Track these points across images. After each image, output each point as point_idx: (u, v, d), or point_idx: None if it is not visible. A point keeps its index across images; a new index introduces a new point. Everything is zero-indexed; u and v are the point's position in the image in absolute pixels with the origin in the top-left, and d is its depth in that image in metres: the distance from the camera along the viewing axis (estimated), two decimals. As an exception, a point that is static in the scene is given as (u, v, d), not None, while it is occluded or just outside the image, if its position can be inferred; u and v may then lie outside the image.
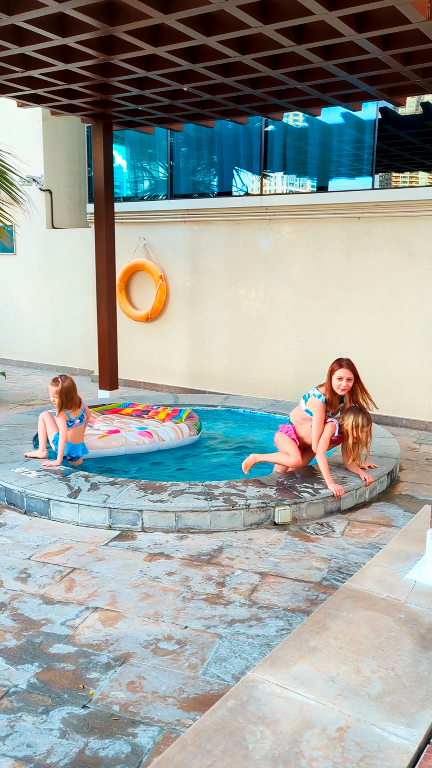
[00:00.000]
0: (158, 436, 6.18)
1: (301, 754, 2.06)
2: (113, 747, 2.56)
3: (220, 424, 7.37)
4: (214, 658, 3.14)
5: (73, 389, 5.52)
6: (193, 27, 4.77)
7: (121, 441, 6.05)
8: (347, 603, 3.06)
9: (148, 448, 6.14)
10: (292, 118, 8.38)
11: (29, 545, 4.39)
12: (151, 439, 6.14)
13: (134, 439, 6.08)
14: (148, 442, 6.12)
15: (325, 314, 8.26)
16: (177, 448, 6.33)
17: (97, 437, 6.05)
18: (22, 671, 3.03)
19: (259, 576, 3.98)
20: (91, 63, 5.63)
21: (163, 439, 6.19)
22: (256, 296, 8.76)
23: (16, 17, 4.63)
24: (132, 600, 3.68)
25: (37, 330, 11.38)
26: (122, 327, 9.76)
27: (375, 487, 5.36)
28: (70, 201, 11.33)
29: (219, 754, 2.05)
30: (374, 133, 7.73)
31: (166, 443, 6.22)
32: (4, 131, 10.66)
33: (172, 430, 6.31)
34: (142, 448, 6.11)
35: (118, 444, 6.04)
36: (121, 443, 6.05)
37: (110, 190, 8.17)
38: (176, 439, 6.27)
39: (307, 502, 4.84)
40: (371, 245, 7.82)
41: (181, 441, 6.31)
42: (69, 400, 5.47)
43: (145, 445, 6.11)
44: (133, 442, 6.07)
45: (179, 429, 6.35)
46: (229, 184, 9.02)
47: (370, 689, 2.41)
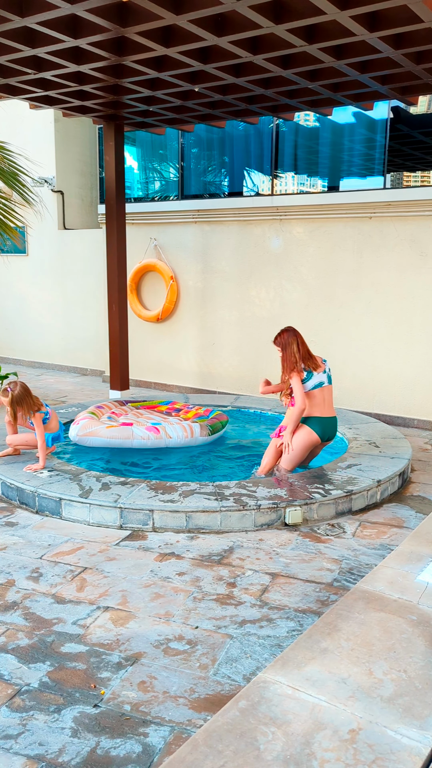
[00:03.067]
0: (165, 433, 6.10)
1: (313, 755, 2.06)
2: (124, 746, 2.57)
3: (231, 424, 7.36)
4: (224, 659, 3.14)
5: (24, 395, 5.36)
6: (205, 27, 4.77)
7: (126, 434, 6.02)
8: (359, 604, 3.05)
9: (153, 443, 6.07)
10: (303, 117, 8.36)
11: (41, 544, 4.41)
12: (157, 434, 6.07)
13: (140, 434, 6.04)
14: (154, 438, 6.05)
15: (335, 314, 8.24)
16: (189, 447, 6.30)
17: (105, 427, 6.05)
18: (34, 670, 3.05)
19: (269, 577, 3.97)
20: (102, 64, 5.65)
21: (170, 437, 6.12)
22: (267, 296, 8.75)
23: (29, 19, 4.66)
24: (143, 600, 3.68)
25: (49, 330, 11.42)
26: (133, 327, 9.78)
27: (387, 488, 5.34)
28: (81, 202, 11.37)
29: (230, 755, 2.05)
30: (386, 133, 7.70)
31: (173, 441, 6.14)
32: (16, 133, 10.72)
33: (182, 428, 6.22)
34: (147, 443, 6.05)
35: (124, 436, 6.01)
36: (127, 436, 6.02)
37: (121, 191, 8.19)
38: (184, 438, 6.18)
39: (318, 503, 4.83)
40: (382, 245, 7.79)
41: (190, 440, 6.23)
42: (27, 405, 5.36)
43: (150, 440, 6.05)
44: (139, 437, 6.03)
45: (189, 428, 6.24)
46: (239, 184, 9.02)
47: (382, 691, 2.40)
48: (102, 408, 6.74)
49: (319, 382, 5.40)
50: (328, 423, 5.46)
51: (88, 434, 6.03)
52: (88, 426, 6.07)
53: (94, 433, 6.02)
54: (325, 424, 5.44)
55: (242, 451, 6.43)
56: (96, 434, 6.01)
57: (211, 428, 6.39)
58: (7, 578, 3.92)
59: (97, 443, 6.04)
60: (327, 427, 5.46)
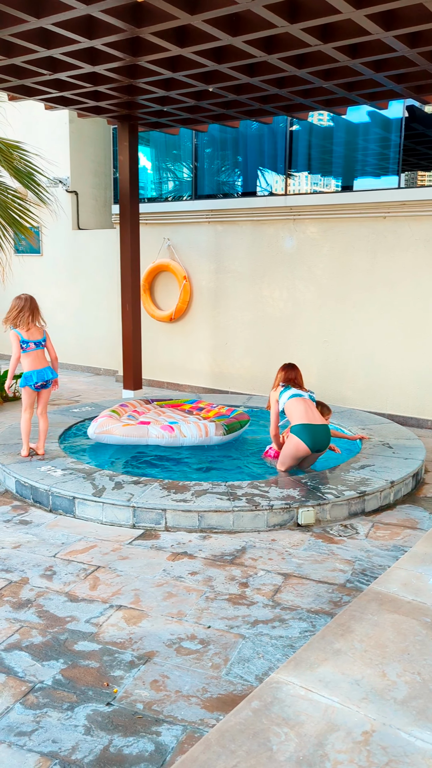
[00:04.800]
0: (180, 432, 6.12)
1: (326, 756, 2.05)
2: (137, 745, 2.57)
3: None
4: (237, 659, 3.14)
5: (24, 307, 5.54)
6: (219, 27, 4.77)
7: (141, 432, 6.06)
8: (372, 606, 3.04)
9: (167, 442, 6.10)
10: (317, 117, 8.34)
11: (54, 543, 4.43)
12: (171, 433, 6.09)
13: (155, 432, 6.07)
14: (168, 437, 6.07)
15: (349, 315, 8.21)
16: (203, 447, 6.29)
17: (120, 425, 6.11)
18: (48, 668, 3.06)
19: (282, 577, 3.97)
20: (117, 65, 5.67)
21: (185, 435, 6.13)
22: (280, 296, 8.74)
23: (44, 20, 4.68)
24: (155, 599, 3.69)
25: (62, 330, 11.47)
26: (146, 327, 9.80)
27: (400, 489, 5.32)
28: (95, 202, 11.42)
29: (243, 755, 2.05)
30: (400, 132, 7.66)
31: (188, 440, 6.15)
32: (32, 133, 10.78)
33: (197, 427, 6.21)
34: (161, 441, 6.08)
35: (138, 435, 6.05)
36: (142, 434, 6.06)
37: (135, 191, 8.21)
38: (198, 437, 6.17)
39: (330, 504, 4.81)
40: (397, 245, 7.75)
41: (205, 439, 6.22)
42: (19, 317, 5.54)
43: (165, 439, 6.07)
44: (154, 435, 6.06)
45: (204, 427, 6.23)
46: (253, 184, 9.01)
47: (395, 693, 2.38)
48: (126, 406, 6.81)
49: (296, 393, 5.56)
50: (313, 431, 5.38)
51: (104, 432, 6.09)
52: (104, 424, 6.13)
53: (109, 431, 6.08)
54: (312, 430, 5.37)
55: (255, 451, 6.42)
56: (111, 432, 6.07)
57: (227, 427, 6.36)
58: (21, 576, 3.95)
59: (112, 441, 6.10)
60: (314, 434, 5.38)
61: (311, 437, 5.39)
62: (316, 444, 5.43)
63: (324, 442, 5.48)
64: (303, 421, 5.41)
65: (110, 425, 6.12)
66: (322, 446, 5.48)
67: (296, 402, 5.50)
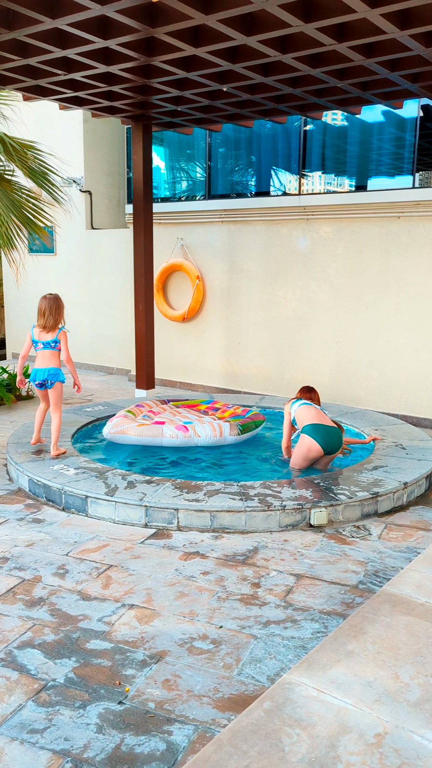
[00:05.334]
0: (194, 432, 6.13)
1: (338, 758, 2.04)
2: (149, 744, 2.58)
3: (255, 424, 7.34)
4: (249, 659, 3.14)
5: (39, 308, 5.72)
6: (234, 27, 4.77)
7: (156, 432, 6.08)
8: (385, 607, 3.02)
9: (182, 442, 6.10)
10: (331, 117, 8.31)
11: (67, 541, 4.45)
12: (186, 433, 6.09)
13: (170, 432, 6.08)
14: (183, 437, 6.08)
15: (362, 315, 8.18)
16: (216, 447, 6.29)
17: (135, 425, 6.13)
18: (60, 666, 3.08)
19: (294, 578, 3.96)
20: (132, 65, 5.68)
21: (199, 435, 6.13)
22: (293, 296, 8.72)
23: (60, 20, 4.70)
24: (167, 598, 3.70)
25: (76, 329, 11.51)
26: (159, 327, 9.82)
27: (413, 491, 5.29)
28: (109, 202, 11.45)
29: (255, 756, 2.04)
30: (415, 131, 7.62)
31: (202, 440, 6.15)
32: (46, 133, 10.83)
33: (211, 427, 6.21)
34: (175, 441, 6.09)
35: (153, 435, 6.07)
36: (156, 434, 6.07)
37: (149, 191, 8.22)
38: (213, 437, 6.18)
39: (343, 505, 4.79)
40: (411, 245, 7.71)
41: (219, 439, 6.22)
42: (40, 315, 5.74)
43: (179, 439, 6.08)
44: (168, 435, 6.07)
45: (219, 427, 6.22)
46: (267, 183, 9.00)
47: (408, 695, 2.37)
48: (141, 407, 6.84)
49: (306, 402, 5.71)
50: (325, 430, 5.47)
51: (118, 432, 6.12)
52: (119, 425, 6.16)
53: (124, 431, 6.11)
54: (321, 430, 5.45)
55: (267, 451, 6.41)
56: (126, 432, 6.10)
57: (242, 428, 6.35)
58: (33, 574, 3.97)
59: (127, 441, 6.13)
60: (326, 434, 5.46)
61: (322, 437, 5.43)
62: (328, 444, 5.45)
63: (335, 444, 5.50)
64: (314, 421, 5.49)
65: (125, 425, 6.14)
66: (333, 448, 5.51)
67: (306, 408, 5.63)
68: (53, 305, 5.75)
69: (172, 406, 7.19)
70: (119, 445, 6.26)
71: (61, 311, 5.81)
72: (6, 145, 7.67)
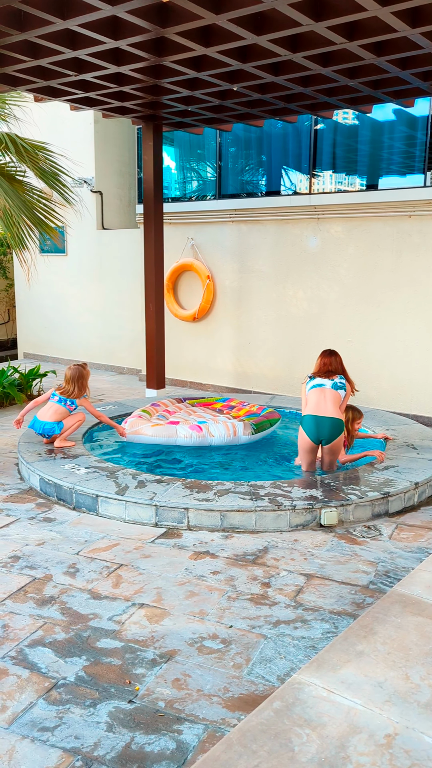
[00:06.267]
0: (208, 431, 6.15)
1: (348, 759, 2.04)
2: (158, 743, 2.58)
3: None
4: (258, 659, 3.13)
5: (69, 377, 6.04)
6: (244, 26, 4.76)
7: (170, 432, 6.12)
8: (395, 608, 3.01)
9: (196, 442, 6.13)
10: (342, 115, 8.28)
11: (78, 540, 4.47)
12: (200, 433, 6.12)
13: (184, 432, 6.11)
14: (196, 437, 6.11)
15: (373, 314, 8.15)
16: (228, 446, 6.28)
17: (150, 425, 6.17)
18: (71, 664, 3.09)
19: (304, 578, 3.95)
20: (142, 65, 5.69)
21: (213, 435, 6.16)
22: (304, 296, 8.70)
23: (70, 21, 4.71)
24: (177, 598, 3.70)
25: (87, 329, 11.56)
26: (170, 327, 9.83)
27: (424, 491, 5.26)
28: (119, 202, 11.48)
29: (265, 755, 2.04)
30: (427, 130, 7.58)
31: (216, 439, 6.17)
32: (57, 134, 10.87)
33: (225, 426, 6.21)
34: (189, 441, 6.12)
35: (167, 435, 6.11)
36: (170, 434, 6.11)
37: (159, 191, 8.24)
38: (227, 436, 6.18)
39: (353, 505, 4.78)
40: (422, 243, 7.67)
41: (233, 439, 6.21)
42: (65, 381, 6.10)
43: (192, 438, 6.11)
44: (182, 435, 6.10)
45: (232, 426, 6.22)
46: (277, 183, 8.98)
47: (419, 696, 2.36)
48: (157, 406, 6.88)
49: (318, 383, 5.45)
50: (315, 421, 5.28)
51: (134, 432, 6.19)
52: (134, 425, 6.22)
53: (138, 431, 6.17)
54: (312, 421, 5.28)
55: (277, 451, 6.40)
56: (140, 432, 6.16)
57: (256, 427, 6.33)
58: (44, 573, 3.99)
59: (142, 441, 6.19)
60: (313, 425, 5.28)
61: (310, 427, 5.28)
62: (316, 434, 5.29)
63: (325, 433, 5.28)
64: (308, 411, 5.33)
65: (140, 425, 6.20)
66: (323, 437, 5.30)
67: (313, 393, 5.43)
68: (76, 376, 6.01)
69: (187, 405, 7.23)
70: (131, 443, 6.28)
71: (83, 382, 6.04)
72: (17, 146, 7.71)
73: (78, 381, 6.00)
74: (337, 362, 5.62)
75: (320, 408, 5.32)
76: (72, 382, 6.00)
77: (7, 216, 7.68)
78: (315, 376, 5.54)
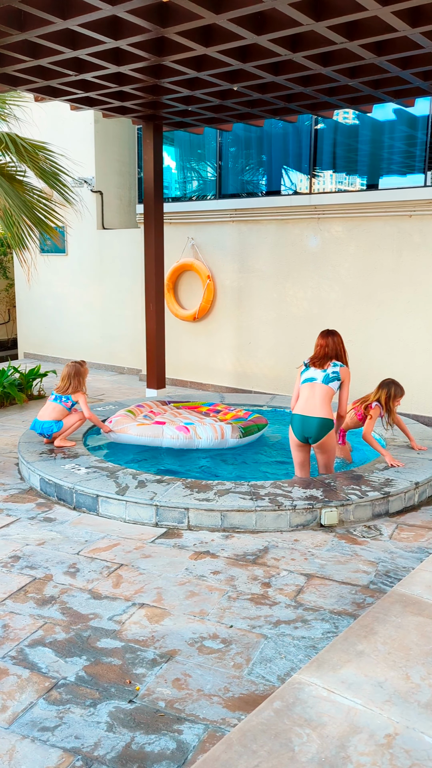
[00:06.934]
0: (195, 433, 6.05)
1: (349, 759, 2.04)
2: (159, 743, 2.58)
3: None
4: (259, 659, 3.13)
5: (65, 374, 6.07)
6: (244, 26, 4.76)
7: (156, 432, 6.03)
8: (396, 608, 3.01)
9: (182, 443, 6.04)
10: (342, 115, 8.28)
11: (78, 540, 4.47)
12: (187, 434, 6.02)
13: (170, 433, 6.03)
14: (184, 438, 6.02)
15: (374, 314, 8.14)
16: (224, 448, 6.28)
17: (135, 425, 6.10)
18: (71, 664, 3.09)
19: (304, 577, 3.95)
20: (142, 65, 5.69)
21: (200, 437, 6.05)
22: (304, 296, 8.70)
23: (71, 21, 4.71)
24: (178, 597, 3.70)
25: (87, 329, 11.56)
26: (170, 326, 9.83)
27: (425, 491, 5.26)
28: (120, 202, 11.48)
29: (265, 755, 2.04)
30: (427, 129, 7.58)
31: (203, 441, 6.07)
32: (57, 134, 10.87)
33: (212, 429, 6.12)
34: (176, 442, 6.03)
35: (153, 434, 6.03)
36: (156, 435, 6.03)
37: (159, 191, 8.23)
38: (214, 439, 6.08)
39: (354, 504, 4.78)
40: (423, 243, 7.67)
41: (220, 441, 6.11)
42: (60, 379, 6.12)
43: (180, 440, 6.02)
44: (169, 436, 6.02)
45: (220, 429, 6.13)
46: (277, 183, 8.98)
47: (419, 696, 2.36)
48: (142, 407, 6.80)
49: (310, 377, 5.22)
50: (302, 421, 5.15)
51: (119, 431, 6.11)
52: (119, 423, 6.15)
53: (123, 430, 6.09)
54: (299, 421, 5.16)
55: (277, 451, 6.40)
56: (126, 431, 6.08)
57: (244, 430, 6.25)
58: (45, 573, 3.99)
59: (127, 440, 6.11)
60: (300, 425, 5.16)
61: (297, 426, 5.17)
62: (303, 433, 5.17)
63: (311, 432, 5.15)
64: (297, 410, 5.20)
65: (125, 423, 6.13)
66: (308, 435, 5.17)
67: (304, 389, 5.23)
68: (72, 372, 6.05)
69: (173, 407, 7.12)
70: (131, 444, 6.27)
71: (79, 378, 6.05)
72: (18, 146, 7.71)
73: (74, 378, 6.00)
74: (335, 343, 5.27)
75: (308, 407, 5.15)
76: (67, 379, 6.02)
77: (8, 216, 7.68)
78: (310, 364, 5.28)
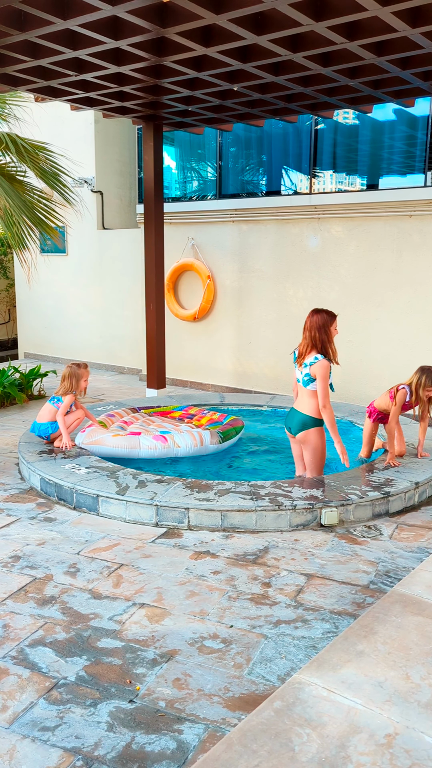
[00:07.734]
0: (173, 442, 5.83)
1: (349, 758, 2.04)
2: (159, 742, 2.59)
3: (266, 423, 7.35)
4: (259, 659, 3.14)
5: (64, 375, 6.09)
6: (245, 26, 4.77)
7: (133, 443, 5.78)
8: (396, 608, 3.01)
9: (161, 453, 5.81)
10: (342, 115, 8.28)
11: (78, 540, 4.47)
12: (165, 443, 5.79)
13: (147, 443, 5.79)
14: (161, 447, 5.79)
15: (374, 314, 8.15)
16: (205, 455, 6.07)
17: (111, 435, 5.84)
18: (71, 664, 3.09)
19: (305, 577, 3.95)
20: (142, 65, 5.69)
21: (179, 445, 5.84)
22: (304, 296, 8.70)
23: (71, 21, 4.72)
24: (178, 597, 3.70)
25: (88, 329, 11.56)
26: (170, 326, 9.83)
27: (425, 491, 5.26)
28: (120, 202, 11.48)
29: (265, 755, 2.04)
30: (427, 129, 7.58)
31: (182, 450, 5.87)
32: (57, 134, 10.88)
33: (191, 436, 5.91)
34: (154, 453, 5.78)
35: (129, 446, 5.76)
36: (133, 446, 5.77)
37: (160, 191, 8.24)
38: (193, 446, 5.89)
39: (354, 504, 4.78)
40: (423, 243, 7.67)
41: (200, 449, 5.92)
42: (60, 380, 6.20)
43: (158, 450, 5.78)
44: (146, 446, 5.78)
45: (199, 436, 5.93)
46: (277, 183, 8.98)
47: (419, 696, 2.36)
48: (113, 416, 6.56)
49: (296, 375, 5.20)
50: (288, 412, 5.28)
51: (93, 443, 5.85)
52: (92, 434, 5.88)
53: (99, 441, 5.82)
54: (289, 412, 5.27)
55: (277, 451, 6.41)
56: (101, 443, 5.81)
57: (223, 435, 6.11)
58: (45, 573, 3.99)
59: (103, 452, 5.81)
60: (287, 414, 5.31)
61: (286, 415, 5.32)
62: (285, 421, 5.27)
63: (291, 422, 5.15)
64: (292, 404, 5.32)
65: (99, 435, 5.87)
66: (289, 424, 5.18)
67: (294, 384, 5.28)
68: (67, 374, 6.06)
69: (143, 414, 6.88)
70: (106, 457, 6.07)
71: (73, 379, 6.02)
72: (18, 146, 7.71)
73: (69, 379, 5.99)
74: (314, 326, 5.00)
75: (296, 401, 5.19)
76: (63, 380, 6.04)
77: (8, 216, 7.68)
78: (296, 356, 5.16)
